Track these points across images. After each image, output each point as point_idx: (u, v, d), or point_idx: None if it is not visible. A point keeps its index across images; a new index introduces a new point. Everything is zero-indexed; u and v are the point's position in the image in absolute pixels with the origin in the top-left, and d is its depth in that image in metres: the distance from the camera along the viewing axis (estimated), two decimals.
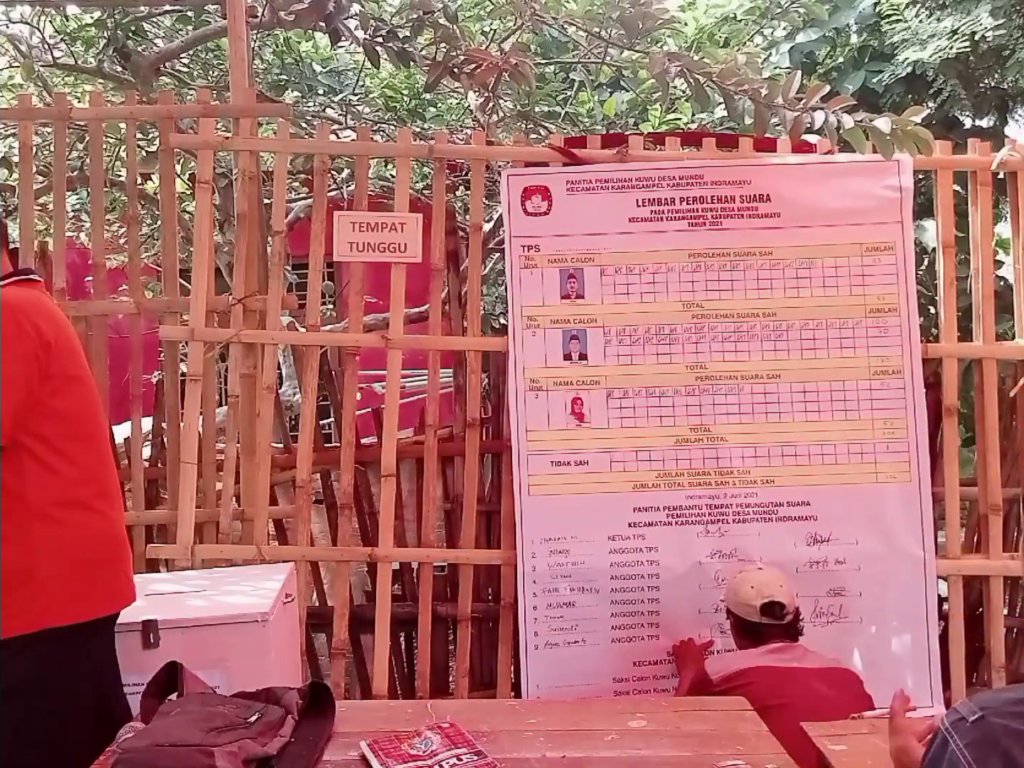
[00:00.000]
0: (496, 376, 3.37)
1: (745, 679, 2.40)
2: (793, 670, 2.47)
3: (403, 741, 1.67)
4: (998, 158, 3.20)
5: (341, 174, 5.02)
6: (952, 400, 3.15)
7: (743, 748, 1.70)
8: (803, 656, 2.56)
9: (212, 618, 2.20)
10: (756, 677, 2.41)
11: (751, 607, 2.63)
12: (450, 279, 3.39)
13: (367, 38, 3.23)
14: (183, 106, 3.62)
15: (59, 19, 4.54)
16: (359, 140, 3.38)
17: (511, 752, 1.68)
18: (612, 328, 3.09)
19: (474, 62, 3.14)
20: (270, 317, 3.15)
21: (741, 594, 2.68)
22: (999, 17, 4.36)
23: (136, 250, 3.48)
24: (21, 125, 3.28)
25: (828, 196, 3.13)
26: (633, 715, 1.86)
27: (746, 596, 2.66)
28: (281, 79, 4.58)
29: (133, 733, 1.63)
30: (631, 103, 4.86)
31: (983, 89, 4.90)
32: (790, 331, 3.09)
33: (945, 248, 3.20)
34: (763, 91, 2.93)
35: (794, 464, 3.05)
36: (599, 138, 3.28)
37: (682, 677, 2.72)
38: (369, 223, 3.13)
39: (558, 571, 3.02)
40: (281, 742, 1.65)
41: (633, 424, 3.06)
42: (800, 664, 2.51)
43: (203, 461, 3.18)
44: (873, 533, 3.03)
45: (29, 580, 1.91)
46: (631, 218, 3.12)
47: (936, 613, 3.07)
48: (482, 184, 3.26)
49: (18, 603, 1.90)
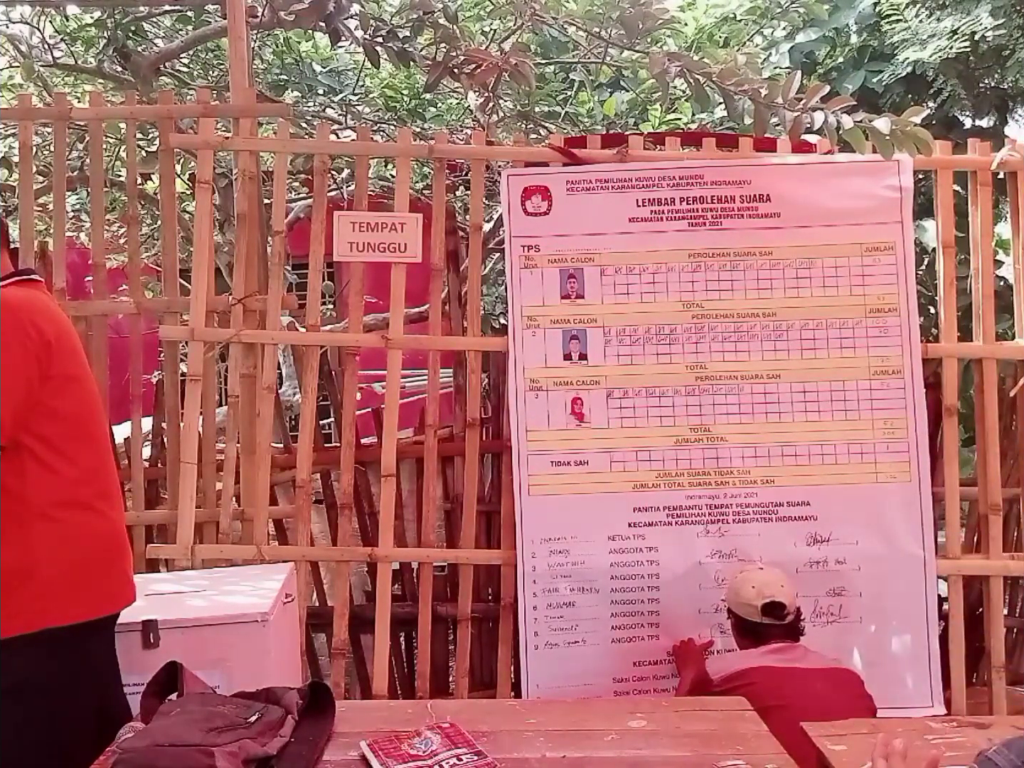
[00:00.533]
0: (496, 376, 3.37)
1: (746, 679, 2.40)
2: (794, 670, 2.47)
3: (403, 741, 1.67)
4: (998, 158, 3.20)
5: (341, 174, 5.02)
6: (952, 400, 3.15)
7: (743, 748, 1.70)
8: (804, 656, 2.56)
9: (212, 618, 2.20)
10: (757, 677, 2.41)
11: (752, 607, 2.63)
12: (450, 279, 3.39)
13: (367, 38, 3.23)
14: (183, 106, 3.61)
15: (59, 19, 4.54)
16: (359, 140, 3.38)
17: (511, 752, 1.68)
18: (612, 328, 3.09)
19: (474, 62, 3.14)
20: (270, 317, 3.15)
21: (742, 594, 2.68)
22: (999, 17, 4.36)
23: (136, 250, 3.48)
24: (21, 125, 3.28)
25: (828, 196, 3.13)
26: (633, 715, 1.86)
27: (747, 596, 2.66)
28: (281, 79, 4.58)
29: (133, 733, 1.63)
30: (631, 103, 4.86)
31: (983, 89, 4.90)
32: (790, 331, 3.09)
33: (945, 248, 3.20)
34: (763, 91, 2.93)
35: (794, 464, 3.05)
36: (599, 138, 3.28)
37: (683, 677, 2.72)
38: (369, 223, 3.13)
39: (558, 571, 3.02)
40: (281, 742, 1.65)
41: (633, 424, 3.06)
42: (801, 664, 2.51)
43: (203, 461, 3.17)
44: (873, 533, 3.03)
45: (29, 580, 1.91)
46: (631, 218, 3.12)
47: (936, 613, 3.07)
48: (482, 184, 3.26)
49: (18, 603, 1.90)
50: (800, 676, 2.45)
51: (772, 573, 2.74)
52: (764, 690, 2.26)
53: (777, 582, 2.68)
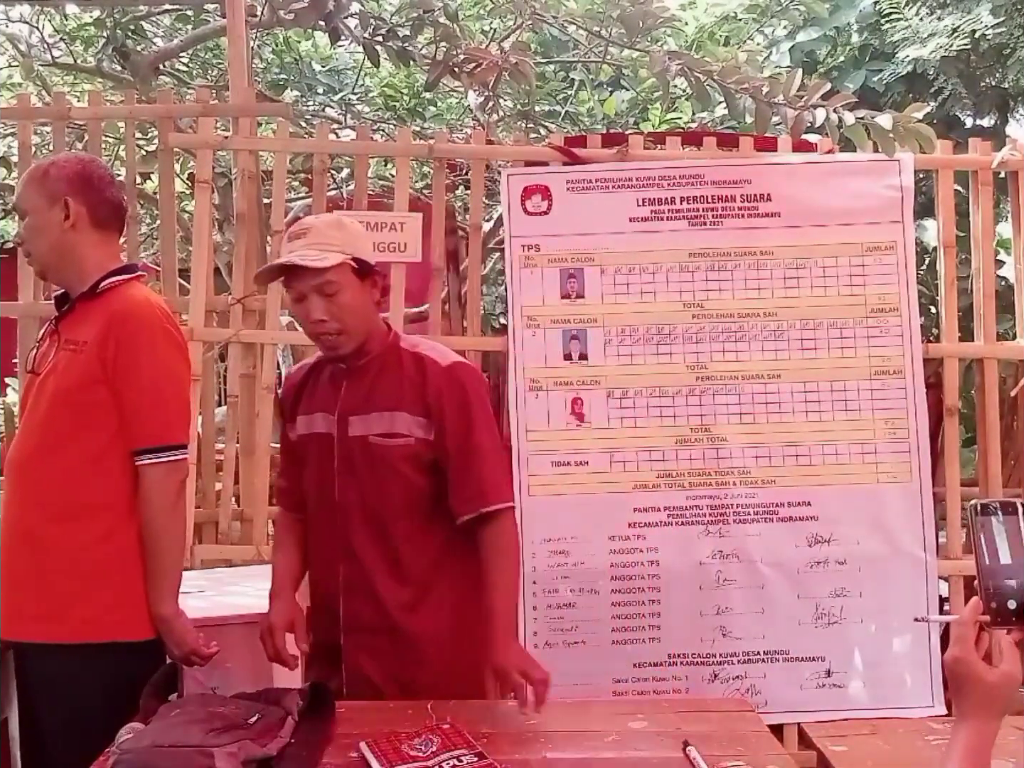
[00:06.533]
0: (496, 376, 3.37)
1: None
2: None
3: (403, 742, 1.67)
4: (999, 157, 3.19)
5: (341, 173, 5.01)
6: (953, 400, 3.15)
7: (743, 748, 1.70)
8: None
9: (212, 618, 2.20)
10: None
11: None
12: (450, 279, 3.40)
13: (367, 37, 3.23)
14: (182, 106, 3.61)
15: (58, 18, 4.54)
16: (359, 140, 3.38)
17: (511, 753, 1.68)
18: (612, 328, 3.08)
19: (474, 61, 3.14)
20: (269, 317, 3.14)
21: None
22: (999, 15, 4.36)
23: (135, 250, 3.47)
24: (20, 124, 3.28)
25: (829, 196, 3.12)
26: (634, 716, 1.86)
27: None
28: (281, 78, 4.58)
29: (133, 734, 1.63)
30: (631, 102, 4.86)
31: (984, 88, 4.90)
32: (790, 331, 3.08)
33: (946, 248, 3.19)
34: (764, 89, 2.93)
35: (795, 464, 3.04)
36: (599, 137, 3.27)
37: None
38: (369, 223, 3.13)
39: (558, 572, 3.01)
40: (281, 743, 1.64)
41: (633, 424, 3.06)
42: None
43: (202, 461, 3.17)
44: (874, 533, 3.02)
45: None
46: (631, 217, 3.12)
47: (937, 613, 3.06)
48: (482, 184, 3.25)
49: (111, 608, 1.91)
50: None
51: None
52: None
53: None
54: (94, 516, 1.92)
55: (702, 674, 2.97)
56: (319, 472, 2.02)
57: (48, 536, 1.91)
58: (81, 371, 1.91)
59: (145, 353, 1.91)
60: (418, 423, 1.96)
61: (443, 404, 1.95)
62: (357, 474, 1.98)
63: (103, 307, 1.94)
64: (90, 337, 1.91)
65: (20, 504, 1.95)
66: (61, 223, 1.95)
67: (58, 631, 1.89)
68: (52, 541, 1.91)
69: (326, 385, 2.04)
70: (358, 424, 1.98)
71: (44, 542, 1.91)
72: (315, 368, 2.10)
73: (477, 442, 1.97)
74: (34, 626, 1.91)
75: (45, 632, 1.90)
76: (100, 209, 2.00)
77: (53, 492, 1.92)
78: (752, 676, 2.96)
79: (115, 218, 2.05)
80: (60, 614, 1.89)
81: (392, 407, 1.96)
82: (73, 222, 1.96)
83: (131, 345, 1.90)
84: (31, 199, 1.98)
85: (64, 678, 1.88)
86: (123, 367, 1.90)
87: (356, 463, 1.98)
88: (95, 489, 1.92)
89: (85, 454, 1.91)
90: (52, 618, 1.90)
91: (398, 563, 1.99)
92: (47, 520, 1.92)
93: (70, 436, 1.91)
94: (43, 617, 1.90)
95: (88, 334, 1.92)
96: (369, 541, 1.98)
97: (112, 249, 2.05)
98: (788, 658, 2.98)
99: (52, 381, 1.93)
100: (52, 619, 1.90)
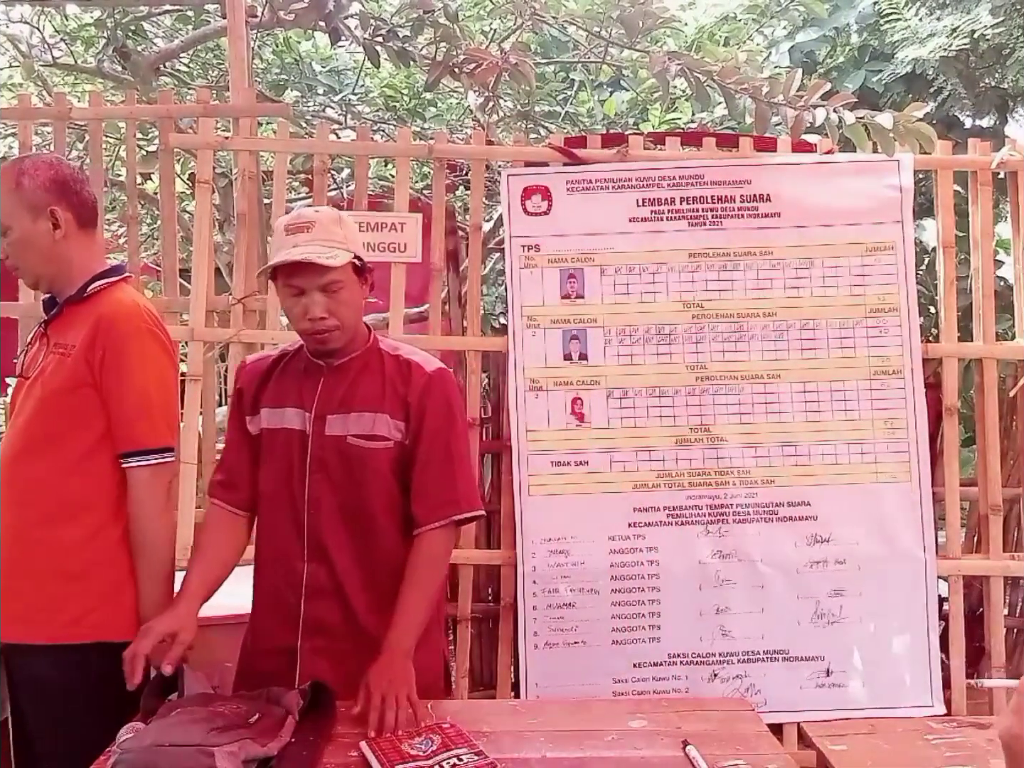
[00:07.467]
0: (496, 376, 3.37)
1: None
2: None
3: (403, 741, 1.67)
4: (998, 158, 3.19)
5: (341, 174, 5.01)
6: (952, 400, 3.15)
7: (743, 748, 1.70)
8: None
9: (212, 618, 2.19)
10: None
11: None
12: (450, 279, 3.39)
13: (367, 37, 3.24)
14: (183, 106, 3.61)
15: (59, 19, 4.54)
16: (359, 140, 3.37)
17: (511, 752, 1.68)
18: (612, 328, 3.09)
19: (474, 61, 3.15)
20: (270, 317, 3.14)
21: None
22: (999, 16, 4.36)
23: (136, 250, 3.47)
24: (21, 125, 3.28)
25: (828, 196, 3.12)
26: (633, 715, 1.86)
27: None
28: (281, 79, 4.59)
29: (133, 733, 1.63)
30: (631, 103, 4.86)
31: (983, 88, 4.90)
32: (790, 331, 3.09)
33: (945, 248, 3.20)
34: (764, 89, 2.94)
35: (794, 464, 3.05)
36: (599, 138, 3.27)
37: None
38: (369, 223, 3.13)
39: (558, 571, 3.02)
40: (281, 742, 1.65)
41: (633, 424, 3.06)
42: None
43: (203, 461, 3.17)
44: (873, 533, 3.03)
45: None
46: (631, 218, 3.12)
47: (936, 613, 3.06)
48: (482, 184, 3.25)
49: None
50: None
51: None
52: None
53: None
54: (79, 517, 1.92)
55: (702, 674, 2.97)
56: (286, 469, 1.97)
57: (34, 537, 1.92)
58: (69, 374, 1.91)
59: (132, 357, 1.91)
60: (397, 427, 1.94)
61: (425, 409, 1.94)
62: (330, 474, 1.94)
63: (91, 310, 1.93)
64: (78, 341, 1.91)
65: (6, 506, 1.95)
66: (51, 233, 1.93)
67: (44, 632, 1.90)
68: (38, 542, 1.91)
69: (299, 379, 2.00)
70: (336, 423, 1.95)
71: (30, 543, 1.91)
72: (280, 360, 2.05)
73: (455, 450, 1.97)
74: (19, 627, 1.91)
75: (30, 633, 1.90)
76: (83, 211, 1.99)
77: (39, 493, 1.92)
78: (752, 676, 2.97)
79: (94, 215, 2.04)
80: (46, 615, 1.90)
81: (373, 409, 1.94)
82: (64, 231, 1.95)
83: (118, 349, 1.90)
84: (11, 213, 1.92)
85: (50, 679, 1.88)
86: (110, 371, 1.90)
87: (329, 462, 1.94)
88: (81, 491, 1.92)
89: (71, 456, 1.91)
90: (38, 619, 1.90)
91: (371, 565, 1.96)
92: (33, 522, 1.92)
93: (57, 438, 1.91)
94: (29, 618, 1.90)
95: (76, 338, 1.92)
96: (344, 542, 1.94)
97: (96, 248, 2.04)
98: (788, 658, 2.98)
99: (40, 384, 1.93)
100: (38, 620, 1.90)
